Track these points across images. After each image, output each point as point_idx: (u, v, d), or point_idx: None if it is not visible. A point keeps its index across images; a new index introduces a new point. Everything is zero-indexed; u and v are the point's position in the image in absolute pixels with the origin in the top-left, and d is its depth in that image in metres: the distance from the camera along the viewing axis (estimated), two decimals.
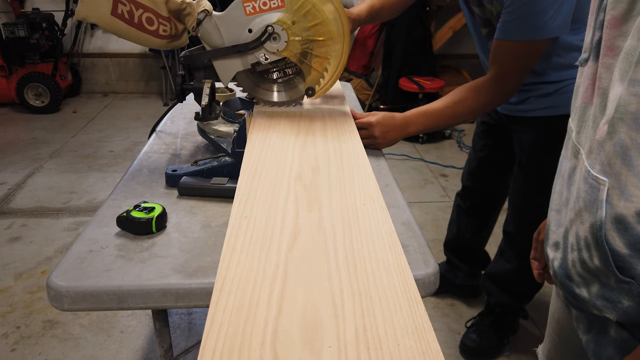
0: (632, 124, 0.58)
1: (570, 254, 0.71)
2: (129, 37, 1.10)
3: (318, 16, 1.13)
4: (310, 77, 1.22)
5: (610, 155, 0.61)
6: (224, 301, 0.58)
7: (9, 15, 4.51)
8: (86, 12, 1.05)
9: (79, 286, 0.78)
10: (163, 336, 1.02)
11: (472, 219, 1.98)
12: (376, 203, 0.82)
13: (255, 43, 1.14)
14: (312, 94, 1.23)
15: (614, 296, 0.65)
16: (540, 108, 1.44)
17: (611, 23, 0.61)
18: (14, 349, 1.84)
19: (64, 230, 2.60)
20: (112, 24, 1.07)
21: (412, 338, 0.54)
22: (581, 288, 0.71)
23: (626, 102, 0.58)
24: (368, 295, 0.60)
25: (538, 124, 1.47)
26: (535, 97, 1.43)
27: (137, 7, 1.07)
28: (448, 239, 2.10)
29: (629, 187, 0.59)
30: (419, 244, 0.91)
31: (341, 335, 0.53)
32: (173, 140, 1.38)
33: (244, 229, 0.73)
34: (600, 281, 0.66)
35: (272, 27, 1.12)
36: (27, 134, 3.91)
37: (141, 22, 1.08)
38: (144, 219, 0.91)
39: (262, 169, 0.92)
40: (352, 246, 0.70)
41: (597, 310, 0.69)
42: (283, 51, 1.16)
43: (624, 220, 0.60)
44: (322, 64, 1.20)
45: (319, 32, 1.15)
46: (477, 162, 1.86)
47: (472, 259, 2.06)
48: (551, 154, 0.98)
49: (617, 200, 0.61)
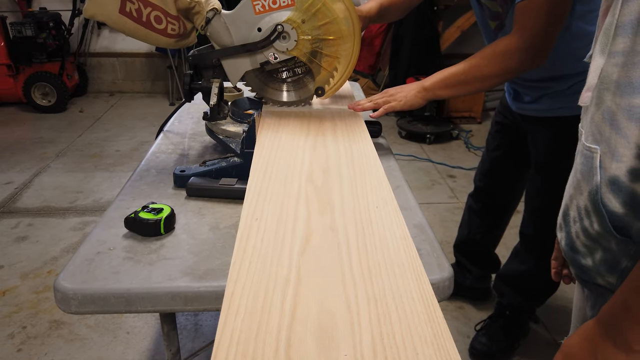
0: (617, 90, 0.63)
1: (573, 226, 0.75)
2: (137, 35, 1.09)
3: (328, 15, 1.11)
4: (319, 77, 1.20)
5: (600, 124, 0.66)
6: (236, 306, 0.56)
7: (16, 14, 4.51)
8: (94, 10, 1.04)
9: (87, 289, 0.77)
10: (171, 339, 1.01)
11: (484, 220, 1.96)
12: (389, 206, 0.80)
13: (264, 42, 1.13)
14: (321, 93, 1.22)
15: (615, 258, 0.68)
16: (554, 108, 1.41)
17: (604, 12, 0.65)
18: (20, 349, 1.83)
19: (70, 229, 2.59)
20: (120, 22, 1.05)
21: (432, 347, 0.52)
22: (586, 258, 0.74)
23: (609, 72, 0.64)
24: (384, 301, 0.58)
25: (553, 125, 1.44)
26: (548, 96, 1.41)
27: (145, 6, 1.05)
28: (459, 241, 2.08)
29: (619, 149, 0.63)
30: (433, 248, 0.89)
31: (357, 344, 0.52)
32: (181, 140, 1.37)
33: (254, 231, 0.71)
34: (602, 247, 0.69)
35: (281, 25, 1.11)
36: (33, 133, 3.92)
37: (149, 20, 1.07)
38: (152, 220, 0.89)
39: (272, 170, 0.91)
40: (366, 250, 0.68)
41: (601, 278, 0.72)
42: (292, 50, 1.14)
43: (617, 181, 0.64)
44: (331, 64, 1.18)
45: (329, 31, 1.13)
46: (490, 162, 1.83)
47: (483, 261, 2.03)
48: (567, 155, 0.96)
49: (609, 163, 0.65)
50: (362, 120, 1.21)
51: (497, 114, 1.76)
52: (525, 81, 1.46)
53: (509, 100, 1.60)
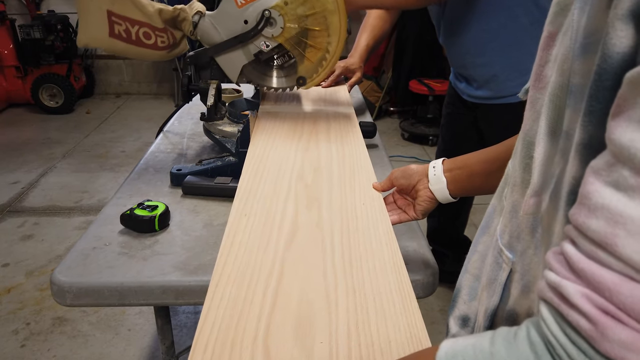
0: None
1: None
2: (130, 54, 1.13)
3: (317, 6, 1.12)
4: (302, 66, 1.20)
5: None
6: (219, 296, 0.59)
7: (25, 17, 4.58)
8: (86, 40, 1.09)
9: (82, 282, 0.80)
10: (165, 333, 1.03)
11: (445, 207, 1.99)
12: (376, 203, 0.82)
13: (254, 31, 1.14)
14: (303, 83, 1.23)
15: None
16: (502, 96, 1.46)
17: (545, 42, 0.46)
18: (23, 345, 1.87)
19: (75, 228, 2.63)
20: (112, 45, 1.10)
21: (405, 335, 0.54)
22: None
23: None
24: (362, 292, 0.60)
25: (501, 110, 1.47)
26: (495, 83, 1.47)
27: (132, 24, 1.09)
28: (430, 231, 2.12)
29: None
30: (419, 245, 0.91)
31: (333, 332, 0.54)
32: (180, 140, 1.40)
33: (242, 226, 0.74)
34: None
35: (269, 11, 1.11)
36: (41, 134, 3.97)
37: (139, 38, 1.11)
38: (147, 217, 0.92)
39: (264, 169, 0.93)
40: (350, 244, 0.70)
41: None
42: (278, 37, 1.14)
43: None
44: (315, 55, 1.19)
45: (316, 22, 1.14)
46: (447, 152, 1.87)
47: (456, 245, 2.09)
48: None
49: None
50: (356, 121, 1.23)
51: (446, 105, 1.79)
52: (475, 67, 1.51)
53: (460, 87, 1.63)
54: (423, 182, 0.82)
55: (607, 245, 0.31)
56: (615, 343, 0.29)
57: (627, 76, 0.31)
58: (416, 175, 0.83)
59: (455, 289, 0.65)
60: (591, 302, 0.31)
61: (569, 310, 0.32)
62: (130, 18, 1.08)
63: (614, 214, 0.30)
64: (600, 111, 0.34)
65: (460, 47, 1.49)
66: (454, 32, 1.47)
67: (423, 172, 0.83)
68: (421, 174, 0.83)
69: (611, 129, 0.32)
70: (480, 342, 0.37)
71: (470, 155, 0.81)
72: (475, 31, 1.41)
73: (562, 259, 0.34)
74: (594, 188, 0.32)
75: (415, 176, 0.83)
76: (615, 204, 0.31)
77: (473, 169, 0.78)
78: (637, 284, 0.29)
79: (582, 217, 0.33)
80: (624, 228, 0.30)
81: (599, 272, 0.31)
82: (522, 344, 0.35)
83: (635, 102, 0.30)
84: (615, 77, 0.33)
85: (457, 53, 1.52)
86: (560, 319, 0.33)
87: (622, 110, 0.31)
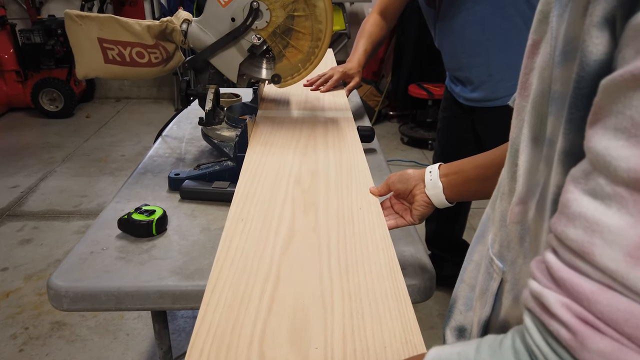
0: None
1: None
2: (128, 76, 1.15)
3: (306, 10, 1.12)
4: (280, 64, 1.20)
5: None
6: (215, 301, 0.59)
7: (25, 21, 4.59)
8: (85, 71, 1.10)
9: (78, 287, 0.80)
10: (162, 338, 1.03)
11: (443, 210, 2.00)
12: (373, 207, 0.82)
13: (244, 25, 1.13)
14: (277, 81, 1.23)
15: None
16: (497, 98, 1.47)
17: (530, 50, 0.46)
18: (21, 350, 1.87)
19: (74, 233, 2.63)
20: (109, 71, 1.12)
21: (400, 341, 0.54)
22: None
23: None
24: (358, 297, 0.60)
25: (497, 113, 1.48)
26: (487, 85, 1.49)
27: (124, 47, 1.10)
28: (429, 236, 2.13)
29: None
30: (417, 249, 0.91)
31: (329, 337, 0.54)
32: (178, 144, 1.40)
33: (239, 231, 0.74)
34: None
35: (257, 2, 1.11)
36: (41, 138, 3.97)
37: (133, 59, 1.12)
38: (144, 221, 0.92)
39: (261, 173, 0.93)
40: (346, 249, 0.70)
41: None
42: (262, 30, 1.14)
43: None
44: (295, 56, 1.19)
45: (302, 24, 1.14)
46: (444, 157, 1.88)
47: (454, 249, 2.08)
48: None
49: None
50: (354, 126, 1.23)
51: (443, 110, 1.80)
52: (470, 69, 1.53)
53: (456, 91, 1.64)
54: (420, 186, 0.83)
55: (584, 254, 0.30)
56: (595, 353, 0.29)
57: (602, 83, 0.31)
58: (413, 180, 0.83)
59: (451, 299, 0.65)
60: (571, 312, 0.31)
61: (549, 319, 0.32)
62: (121, 41, 1.10)
63: (591, 223, 0.30)
64: (580, 119, 0.34)
65: (455, 48, 1.51)
66: (449, 33, 1.49)
67: (420, 177, 0.83)
68: (418, 179, 0.83)
69: (588, 136, 0.32)
70: (466, 350, 0.37)
71: (466, 160, 0.81)
72: (470, 31, 1.43)
73: (544, 268, 0.34)
74: (572, 196, 0.32)
75: (412, 181, 0.83)
76: (592, 213, 0.30)
77: (469, 174, 0.79)
78: (615, 292, 0.29)
79: (562, 226, 0.33)
80: (601, 237, 0.30)
81: (577, 281, 0.31)
82: (506, 353, 0.35)
83: (610, 109, 0.30)
84: (592, 85, 0.33)
85: (453, 54, 1.54)
86: (542, 328, 0.33)
87: (598, 118, 0.31)
